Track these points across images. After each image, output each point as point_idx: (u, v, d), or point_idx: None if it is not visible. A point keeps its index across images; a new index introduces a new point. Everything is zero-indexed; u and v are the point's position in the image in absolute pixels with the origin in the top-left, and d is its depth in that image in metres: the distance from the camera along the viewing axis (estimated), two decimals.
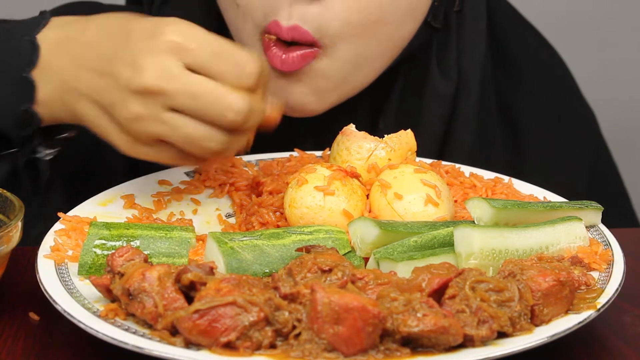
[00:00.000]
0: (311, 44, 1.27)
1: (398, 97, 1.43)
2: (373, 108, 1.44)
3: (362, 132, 1.20)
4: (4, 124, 1.16)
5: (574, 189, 1.49)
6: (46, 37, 1.15)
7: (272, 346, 0.91)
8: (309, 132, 1.43)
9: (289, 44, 1.28)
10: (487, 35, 1.45)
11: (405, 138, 1.20)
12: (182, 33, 1.07)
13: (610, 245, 1.09)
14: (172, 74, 1.06)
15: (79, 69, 1.12)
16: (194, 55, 1.07)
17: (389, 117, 1.43)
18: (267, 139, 1.24)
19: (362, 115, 1.44)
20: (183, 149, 1.09)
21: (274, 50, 1.28)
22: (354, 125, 1.21)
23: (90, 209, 1.17)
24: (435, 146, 1.44)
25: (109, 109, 1.10)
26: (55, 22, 1.16)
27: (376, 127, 1.44)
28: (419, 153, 1.25)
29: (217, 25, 1.44)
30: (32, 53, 1.14)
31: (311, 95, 1.31)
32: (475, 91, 1.44)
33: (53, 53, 1.14)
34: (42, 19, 1.17)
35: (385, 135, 1.20)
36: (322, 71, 1.29)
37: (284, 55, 1.27)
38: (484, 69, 1.45)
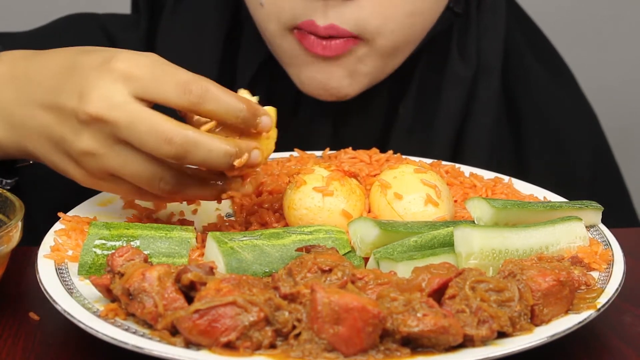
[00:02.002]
0: (351, 36, 1.29)
1: (418, 82, 1.45)
2: (391, 95, 1.46)
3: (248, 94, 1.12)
4: None
5: (576, 182, 1.50)
6: None
7: (272, 346, 0.91)
8: (328, 121, 1.44)
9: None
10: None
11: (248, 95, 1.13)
12: (127, 61, 1.03)
13: (610, 245, 1.09)
14: (115, 102, 1.02)
15: (24, 105, 1.09)
16: (138, 81, 1.03)
17: (409, 103, 1.45)
18: (287, 127, 1.22)
19: (379, 102, 1.45)
20: (135, 185, 1.07)
21: (313, 38, 1.29)
22: (245, 90, 1.13)
23: (90, 209, 1.17)
24: (455, 130, 1.45)
25: (60, 144, 1.07)
26: (5, 57, 1.13)
27: (395, 113, 1.46)
28: (439, 137, 1.25)
29: (231, 22, 1.46)
30: None
31: (347, 79, 1.33)
32: (496, 74, 1.45)
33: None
34: None
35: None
36: (361, 57, 1.31)
37: (324, 42, 1.28)
38: (504, 52, 1.47)
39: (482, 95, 1.46)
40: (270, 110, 1.09)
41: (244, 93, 1.10)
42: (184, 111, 1.06)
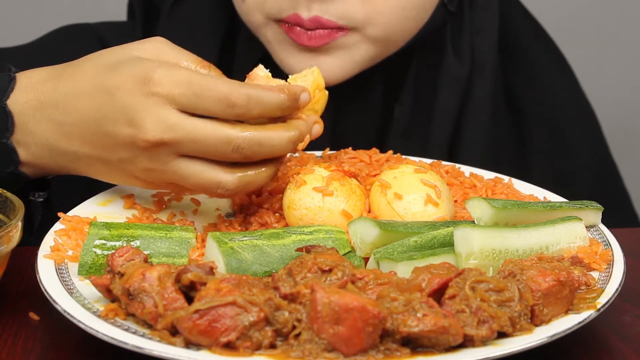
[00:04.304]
0: (337, 27, 1.29)
1: (413, 82, 1.45)
2: (386, 95, 1.46)
3: (267, 74, 1.16)
4: None
5: (578, 182, 1.50)
6: (17, 102, 1.13)
7: (272, 346, 0.91)
8: (325, 123, 1.44)
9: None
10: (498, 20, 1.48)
11: (311, 76, 1.17)
12: (164, 83, 1.06)
13: (610, 245, 1.09)
14: (171, 124, 1.06)
15: (68, 136, 1.11)
16: (181, 99, 1.06)
17: (404, 104, 1.45)
18: None
19: (375, 103, 1.45)
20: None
21: (298, 29, 1.29)
22: (262, 66, 1.18)
23: (90, 209, 1.17)
24: (451, 128, 1.45)
25: (117, 165, 1.10)
26: (23, 82, 1.14)
27: (391, 114, 1.46)
28: (436, 137, 1.24)
29: (227, 24, 1.46)
30: (5, 120, 1.12)
31: (338, 67, 1.33)
32: (489, 71, 1.45)
33: (31, 119, 1.12)
34: (8, 81, 1.14)
35: (290, 76, 1.17)
36: (353, 44, 1.31)
37: (310, 32, 1.29)
38: (497, 50, 1.46)
39: (477, 94, 1.45)
40: (314, 72, 1.15)
41: (260, 70, 1.14)
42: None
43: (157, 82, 1.06)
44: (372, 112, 1.47)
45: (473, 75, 1.45)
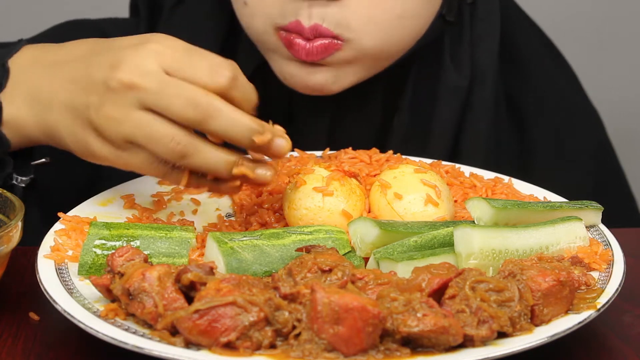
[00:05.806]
0: (334, 37, 1.29)
1: (411, 93, 1.44)
2: (385, 105, 1.45)
3: None
4: None
5: (581, 189, 1.49)
6: (16, 61, 1.15)
7: (272, 346, 0.91)
8: (323, 129, 1.44)
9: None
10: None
11: None
12: (162, 40, 1.08)
13: (610, 245, 1.09)
14: (147, 71, 1.06)
15: (52, 79, 1.12)
16: (171, 59, 1.06)
17: (402, 115, 1.44)
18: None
19: (375, 113, 1.45)
20: (150, 150, 1.07)
21: (298, 41, 1.29)
22: None
23: (90, 209, 1.17)
24: (451, 138, 1.44)
25: (84, 112, 1.09)
26: (29, 47, 1.17)
27: (390, 125, 1.45)
28: (435, 148, 1.24)
29: (228, 27, 1.46)
30: (1, 77, 1.14)
31: (332, 79, 1.33)
32: (490, 81, 1.45)
33: (23, 71, 1.14)
34: (16, 45, 1.17)
35: None
36: (346, 60, 1.31)
37: (308, 45, 1.29)
38: (497, 59, 1.46)
39: (477, 105, 1.45)
40: None
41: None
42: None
43: (154, 40, 1.08)
44: (371, 122, 1.46)
45: (473, 85, 1.44)
